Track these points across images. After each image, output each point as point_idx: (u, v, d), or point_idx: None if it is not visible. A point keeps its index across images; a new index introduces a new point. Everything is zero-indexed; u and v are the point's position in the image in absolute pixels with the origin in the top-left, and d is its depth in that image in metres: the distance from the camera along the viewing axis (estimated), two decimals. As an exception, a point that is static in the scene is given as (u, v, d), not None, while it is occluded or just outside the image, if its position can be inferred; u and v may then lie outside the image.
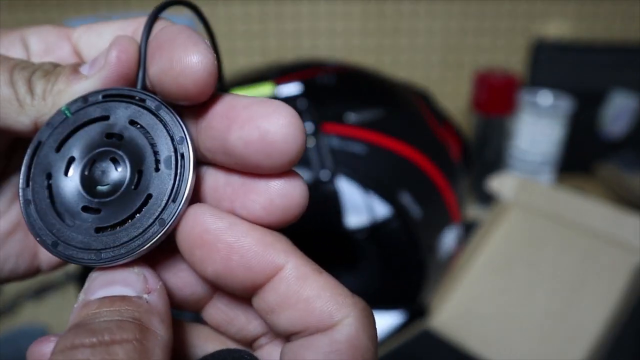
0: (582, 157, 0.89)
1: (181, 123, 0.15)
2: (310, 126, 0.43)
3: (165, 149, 0.15)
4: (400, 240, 0.46)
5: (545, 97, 0.78)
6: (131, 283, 0.14)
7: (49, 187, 0.15)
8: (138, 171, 0.15)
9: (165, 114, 0.15)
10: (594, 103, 0.87)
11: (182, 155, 0.15)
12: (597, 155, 0.89)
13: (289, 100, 0.44)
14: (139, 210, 0.15)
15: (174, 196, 0.15)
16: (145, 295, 0.14)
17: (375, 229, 0.45)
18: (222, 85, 0.19)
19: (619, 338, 0.48)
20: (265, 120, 0.14)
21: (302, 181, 0.15)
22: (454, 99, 0.93)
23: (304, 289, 0.15)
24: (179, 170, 0.15)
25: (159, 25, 0.17)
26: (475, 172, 0.80)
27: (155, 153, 0.15)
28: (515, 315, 0.51)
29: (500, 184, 0.60)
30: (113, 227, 0.15)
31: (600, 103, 0.87)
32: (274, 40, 0.88)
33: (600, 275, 0.50)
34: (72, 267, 0.65)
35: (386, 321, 0.51)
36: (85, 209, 0.15)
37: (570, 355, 0.47)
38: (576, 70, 0.86)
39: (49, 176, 0.15)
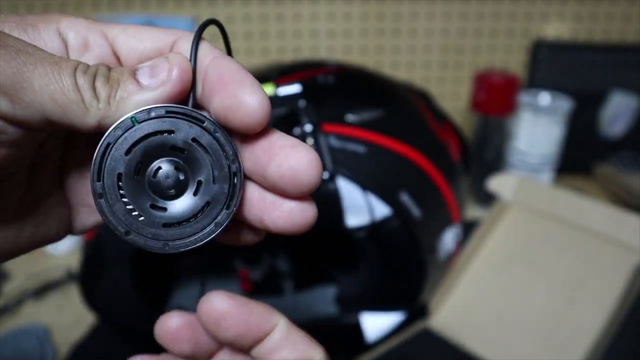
0: (581, 157, 0.89)
1: (234, 145, 0.18)
2: (309, 126, 0.43)
3: (219, 166, 0.18)
4: (400, 240, 0.46)
5: (544, 98, 0.79)
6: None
7: (119, 185, 0.18)
8: (198, 181, 0.18)
9: (220, 136, 0.18)
10: (593, 103, 0.87)
11: (234, 174, 0.18)
12: (596, 156, 0.89)
13: (289, 100, 0.44)
14: (199, 213, 0.18)
15: (227, 204, 0.18)
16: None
17: (375, 229, 0.45)
18: None
19: (618, 338, 0.48)
20: (295, 161, 0.18)
21: (314, 204, 0.19)
22: (454, 99, 0.93)
23: (291, 335, 0.21)
24: (231, 184, 0.18)
25: (203, 48, 0.19)
26: (475, 172, 0.81)
27: (213, 168, 0.18)
28: (515, 315, 0.51)
29: (500, 183, 0.60)
30: (178, 224, 0.18)
31: (600, 103, 0.87)
32: (274, 41, 0.88)
33: (600, 275, 0.50)
34: (73, 267, 0.65)
35: (386, 321, 0.51)
36: (152, 206, 0.18)
37: (569, 355, 0.47)
38: (575, 70, 0.86)
39: (120, 176, 0.18)
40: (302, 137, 0.44)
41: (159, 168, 0.18)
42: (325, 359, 0.21)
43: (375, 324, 0.50)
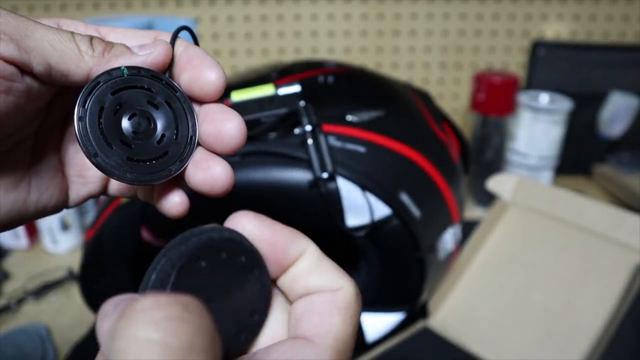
0: (580, 157, 0.90)
1: (196, 115, 0.22)
2: (309, 126, 0.43)
3: (182, 128, 0.22)
4: (400, 240, 0.46)
5: (543, 98, 0.79)
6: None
7: (100, 115, 0.20)
8: (162, 134, 0.21)
9: (187, 106, 0.22)
10: (592, 104, 0.87)
11: (192, 137, 0.22)
12: (596, 156, 0.90)
13: (289, 100, 0.45)
14: (158, 158, 0.21)
15: (181, 159, 0.22)
16: None
17: (375, 229, 0.45)
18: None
19: (617, 337, 0.48)
20: (227, 123, 0.22)
21: (232, 173, 0.22)
22: (453, 99, 0.94)
23: (322, 265, 0.20)
24: (188, 144, 0.22)
25: (179, 44, 0.23)
26: (475, 172, 0.81)
27: (177, 128, 0.22)
28: (514, 315, 0.51)
29: (500, 183, 0.60)
30: (138, 161, 0.21)
31: (599, 104, 0.87)
32: (274, 41, 0.88)
33: (599, 275, 0.50)
34: (73, 267, 0.65)
35: (386, 320, 0.51)
36: (122, 141, 0.21)
37: (569, 354, 0.47)
38: (574, 71, 0.86)
39: (102, 108, 0.20)
40: (302, 137, 0.44)
41: (135, 114, 0.21)
42: (357, 292, 0.20)
43: (375, 323, 0.51)
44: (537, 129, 0.77)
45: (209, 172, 0.21)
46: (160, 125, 0.21)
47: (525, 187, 0.58)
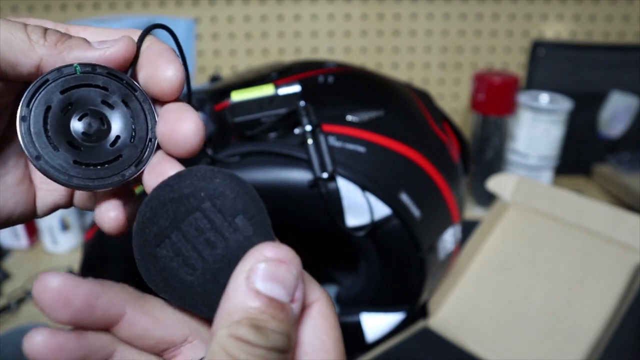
0: (580, 157, 0.90)
1: (155, 117, 0.21)
2: (309, 126, 0.43)
3: (140, 130, 0.20)
4: (400, 240, 0.46)
5: (543, 98, 0.79)
6: (288, 287, 0.17)
7: (46, 115, 0.19)
8: (117, 136, 0.20)
9: (146, 106, 0.20)
10: (592, 104, 0.87)
11: (150, 140, 0.20)
12: (595, 156, 0.90)
13: (290, 100, 0.45)
14: (111, 162, 0.20)
15: (136, 163, 0.20)
16: (293, 305, 0.17)
17: (375, 229, 0.45)
18: (188, 86, 0.24)
19: (617, 337, 0.48)
20: (182, 123, 0.20)
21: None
22: (454, 99, 0.94)
23: None
24: (145, 148, 0.20)
25: (147, 41, 0.21)
26: (475, 172, 0.81)
27: (134, 130, 0.20)
28: (514, 315, 0.51)
29: (499, 184, 0.60)
30: (88, 165, 0.19)
31: (599, 104, 0.87)
32: (274, 41, 0.88)
33: (599, 275, 0.50)
34: (74, 267, 0.65)
35: (386, 320, 0.51)
36: (69, 143, 0.19)
37: (569, 354, 0.47)
38: (574, 71, 0.86)
39: (49, 108, 0.19)
40: (302, 137, 0.44)
41: (86, 114, 0.19)
42: (331, 300, 0.19)
43: (375, 323, 0.51)
44: (537, 129, 0.77)
45: (161, 177, 0.20)
46: (114, 126, 0.20)
47: (525, 187, 0.58)
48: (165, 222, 0.19)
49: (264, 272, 0.17)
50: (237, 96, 0.45)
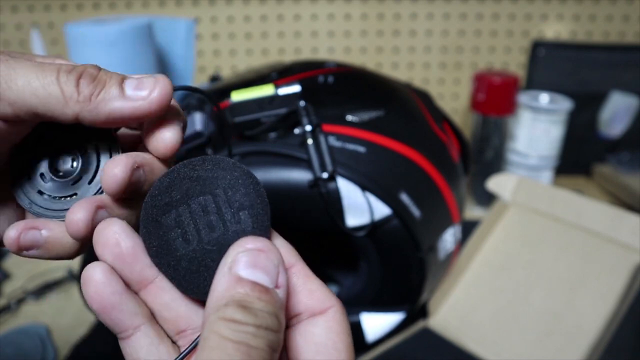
0: (580, 157, 0.90)
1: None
2: (309, 126, 0.43)
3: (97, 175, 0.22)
4: (400, 240, 0.46)
5: (543, 98, 0.79)
6: (269, 273, 0.18)
7: (34, 155, 0.22)
8: (80, 177, 0.22)
9: (115, 154, 0.22)
10: (592, 104, 0.87)
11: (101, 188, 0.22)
12: (595, 156, 0.90)
13: (290, 100, 0.45)
14: (66, 197, 0.22)
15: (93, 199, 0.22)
16: (278, 290, 0.18)
17: (375, 229, 0.45)
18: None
19: (618, 338, 0.48)
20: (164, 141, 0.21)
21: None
22: (454, 99, 0.94)
23: (309, 283, 0.21)
24: (98, 192, 0.22)
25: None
26: (475, 172, 0.81)
27: (94, 175, 0.22)
28: (514, 315, 0.51)
29: (499, 184, 0.60)
30: (50, 196, 0.22)
31: (599, 104, 0.87)
32: (274, 41, 0.88)
33: (599, 275, 0.50)
34: (74, 267, 0.65)
35: (386, 320, 0.51)
36: (41, 175, 0.22)
37: (569, 354, 0.47)
38: (574, 71, 0.86)
39: (35, 149, 0.22)
40: (302, 137, 0.44)
41: (63, 155, 0.22)
42: (344, 308, 0.21)
43: (375, 323, 0.51)
44: (537, 129, 0.77)
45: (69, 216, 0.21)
46: (82, 169, 0.22)
47: (525, 187, 0.58)
48: (177, 195, 0.20)
49: (246, 261, 0.18)
50: (237, 96, 0.45)
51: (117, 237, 0.20)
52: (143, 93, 0.20)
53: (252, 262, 0.18)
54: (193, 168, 0.20)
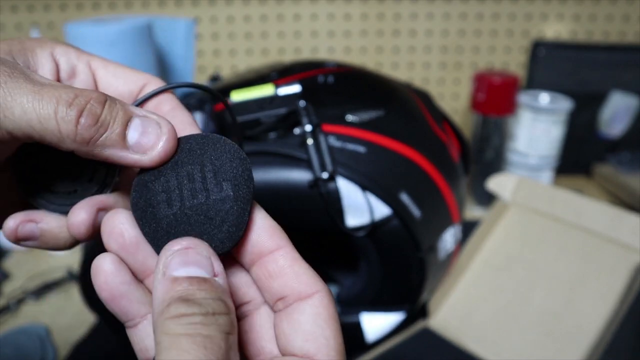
0: (580, 157, 0.90)
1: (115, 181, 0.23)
2: (309, 126, 0.43)
3: (99, 176, 0.23)
4: (400, 240, 0.46)
5: (543, 98, 0.79)
6: (203, 266, 0.19)
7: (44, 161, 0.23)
8: (79, 174, 0.23)
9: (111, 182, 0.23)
10: (592, 103, 0.87)
11: (104, 186, 0.23)
12: (596, 156, 0.90)
13: (290, 100, 0.45)
14: (68, 193, 0.22)
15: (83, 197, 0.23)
16: (216, 278, 0.19)
17: (375, 229, 0.45)
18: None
19: (618, 338, 0.48)
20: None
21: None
22: (454, 99, 0.94)
23: (296, 266, 0.21)
24: (99, 190, 0.23)
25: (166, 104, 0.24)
26: (475, 172, 0.81)
27: (95, 171, 0.23)
28: (514, 315, 0.51)
29: (500, 184, 0.60)
30: (53, 192, 0.22)
31: (599, 103, 0.87)
32: (274, 41, 0.88)
33: (599, 275, 0.50)
34: (74, 267, 0.65)
35: (386, 320, 0.51)
36: (43, 170, 0.22)
37: (569, 354, 0.47)
38: (574, 70, 0.86)
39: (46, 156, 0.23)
40: (302, 137, 0.44)
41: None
42: (331, 294, 0.21)
43: (375, 323, 0.51)
44: (537, 129, 0.77)
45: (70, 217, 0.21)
46: (80, 169, 0.23)
47: (525, 187, 0.58)
48: (168, 164, 0.21)
49: (176, 261, 0.18)
50: (237, 96, 0.45)
51: (121, 227, 0.20)
52: (146, 144, 0.20)
53: (182, 261, 0.18)
54: (187, 141, 0.22)
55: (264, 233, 0.21)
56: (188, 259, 0.18)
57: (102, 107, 0.19)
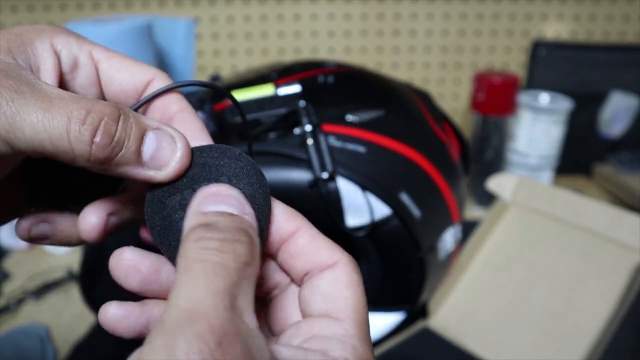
0: (580, 157, 0.90)
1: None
2: (309, 126, 0.43)
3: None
4: (400, 240, 0.46)
5: (543, 98, 0.79)
6: (233, 203, 0.18)
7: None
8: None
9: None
10: (593, 103, 0.87)
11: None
12: (596, 156, 0.90)
13: (290, 100, 0.45)
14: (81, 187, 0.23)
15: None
16: (245, 216, 0.18)
17: (375, 229, 0.45)
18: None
19: (618, 338, 0.48)
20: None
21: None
22: (454, 99, 0.94)
23: (314, 242, 0.21)
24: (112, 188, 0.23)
25: (174, 103, 0.23)
26: (475, 172, 0.81)
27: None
28: (514, 315, 0.51)
29: (500, 184, 0.60)
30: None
31: (599, 103, 0.87)
32: (274, 41, 0.88)
33: (599, 275, 0.50)
34: (74, 267, 0.65)
35: (386, 320, 0.51)
36: (51, 164, 0.22)
37: (569, 354, 0.47)
38: (574, 70, 0.86)
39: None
40: (302, 137, 0.44)
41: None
42: (354, 262, 0.21)
43: (376, 323, 0.51)
44: (537, 129, 0.77)
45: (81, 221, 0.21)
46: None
47: (525, 187, 0.58)
48: (184, 179, 0.20)
49: (208, 199, 0.18)
50: (237, 96, 0.45)
51: (134, 265, 0.20)
52: (161, 159, 0.20)
53: (214, 199, 0.18)
54: (200, 155, 0.21)
55: (282, 219, 0.21)
56: (220, 198, 0.18)
57: (117, 124, 0.18)
